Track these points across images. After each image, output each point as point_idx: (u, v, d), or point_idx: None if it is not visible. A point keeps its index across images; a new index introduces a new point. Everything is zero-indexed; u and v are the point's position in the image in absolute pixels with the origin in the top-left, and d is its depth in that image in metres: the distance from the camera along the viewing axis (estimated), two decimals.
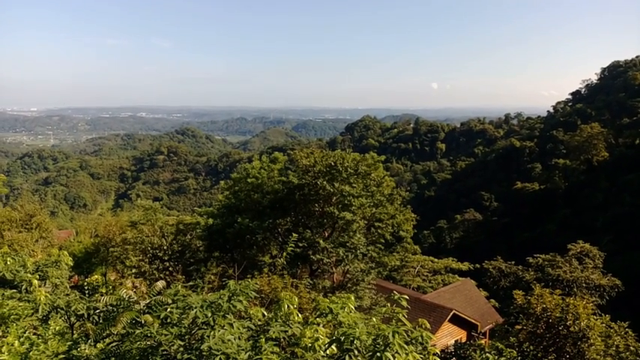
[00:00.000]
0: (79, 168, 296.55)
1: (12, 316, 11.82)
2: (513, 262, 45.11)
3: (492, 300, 43.92)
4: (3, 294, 12.62)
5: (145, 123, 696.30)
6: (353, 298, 9.19)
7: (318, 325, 8.31)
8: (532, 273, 41.33)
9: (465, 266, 52.18)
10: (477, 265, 49.67)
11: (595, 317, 19.00)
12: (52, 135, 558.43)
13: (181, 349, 8.20)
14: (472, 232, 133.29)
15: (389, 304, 9.26)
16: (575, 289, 36.72)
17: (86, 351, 10.70)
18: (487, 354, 16.93)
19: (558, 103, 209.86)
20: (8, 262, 15.37)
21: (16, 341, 10.26)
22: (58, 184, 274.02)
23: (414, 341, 7.77)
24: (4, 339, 10.46)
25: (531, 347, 19.47)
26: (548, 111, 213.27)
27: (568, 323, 18.52)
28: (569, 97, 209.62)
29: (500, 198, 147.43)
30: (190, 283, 14.85)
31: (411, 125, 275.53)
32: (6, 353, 9.66)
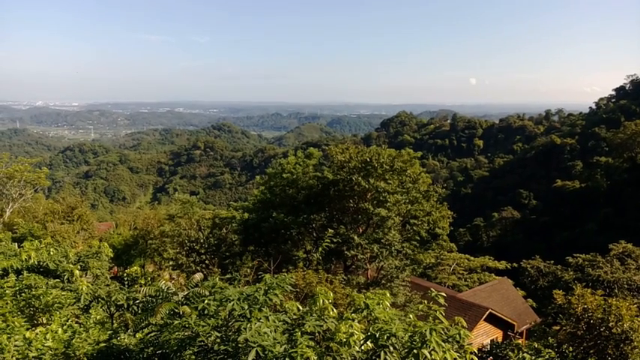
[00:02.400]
0: (118, 162, 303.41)
1: (55, 305, 12.21)
2: (552, 262, 44.09)
3: (530, 300, 43.07)
4: (47, 283, 13.03)
5: (183, 118, 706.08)
6: (388, 294, 9.15)
7: (353, 320, 8.30)
8: (571, 273, 40.30)
9: (501, 265, 51.20)
10: (515, 264, 48.74)
11: (639, 319, 18.40)
12: (93, 129, 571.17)
13: (218, 340, 8.32)
14: (510, 231, 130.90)
15: (425, 302, 9.19)
16: (616, 290, 35.64)
17: (126, 340, 10.97)
18: (524, 354, 16.62)
19: (601, 99, 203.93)
20: (52, 253, 15.92)
21: (60, 329, 10.58)
22: (98, 177, 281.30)
23: (450, 339, 7.70)
24: (48, 326, 10.80)
25: (571, 348, 19.01)
26: (590, 107, 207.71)
27: (610, 324, 18.01)
28: (613, 92, 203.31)
29: (539, 196, 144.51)
30: (227, 276, 15.04)
31: (448, 121, 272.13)
32: (50, 340, 9.97)
